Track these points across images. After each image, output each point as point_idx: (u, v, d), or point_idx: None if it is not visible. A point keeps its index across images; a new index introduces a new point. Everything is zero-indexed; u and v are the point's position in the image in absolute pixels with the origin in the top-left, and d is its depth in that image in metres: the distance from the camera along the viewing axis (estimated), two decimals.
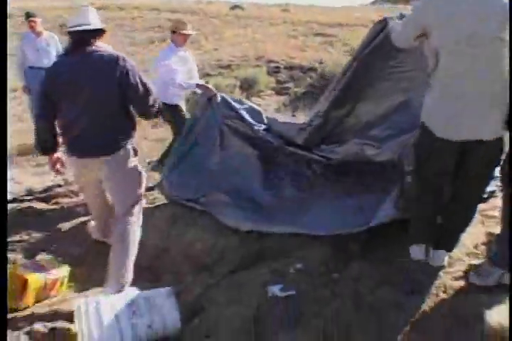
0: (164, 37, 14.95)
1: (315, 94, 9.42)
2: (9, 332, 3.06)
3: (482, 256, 3.08)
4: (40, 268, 3.68)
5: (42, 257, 4.05)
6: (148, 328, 2.93)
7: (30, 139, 6.23)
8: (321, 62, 10.47)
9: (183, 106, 5.45)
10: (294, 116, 8.20)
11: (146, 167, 5.60)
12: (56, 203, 5.19)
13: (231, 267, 3.56)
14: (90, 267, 4.00)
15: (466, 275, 2.90)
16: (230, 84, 9.15)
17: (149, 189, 4.86)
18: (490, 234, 3.23)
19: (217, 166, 4.41)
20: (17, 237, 4.40)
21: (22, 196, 5.45)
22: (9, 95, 8.16)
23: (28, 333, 3.07)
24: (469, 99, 2.63)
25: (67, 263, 3.85)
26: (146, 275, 3.82)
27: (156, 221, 4.30)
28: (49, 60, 6.78)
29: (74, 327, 3.16)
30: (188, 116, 5.27)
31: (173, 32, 5.19)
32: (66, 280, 3.78)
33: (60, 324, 3.18)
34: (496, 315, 2.51)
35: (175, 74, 4.98)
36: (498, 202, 3.31)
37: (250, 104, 4.77)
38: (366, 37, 3.70)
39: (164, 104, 4.44)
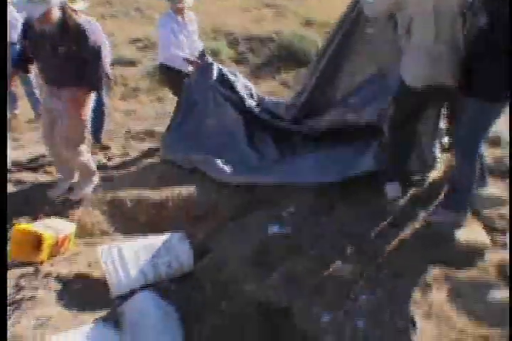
0: None
1: (275, 64, 9.82)
2: (38, 280, 3.44)
3: None
4: (48, 226, 4.02)
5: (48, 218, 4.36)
6: (167, 267, 3.36)
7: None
8: (277, 33, 10.81)
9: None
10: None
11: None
12: (46, 172, 5.43)
13: (226, 216, 3.99)
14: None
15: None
16: None
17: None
18: None
19: (211, 128, 4.81)
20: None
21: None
22: None
23: (56, 278, 3.45)
24: (435, 55, 3.17)
25: None
26: (147, 230, 4.20)
27: (149, 179, 4.68)
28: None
29: (95, 273, 3.58)
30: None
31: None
32: (73, 237, 4.13)
33: (83, 269, 3.58)
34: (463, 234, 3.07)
35: (169, 45, 5.19)
36: None
37: (243, 78, 5.19)
38: (343, 13, 4.13)
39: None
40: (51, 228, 3.93)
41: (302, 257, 3.15)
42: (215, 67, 5.01)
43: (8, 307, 3.19)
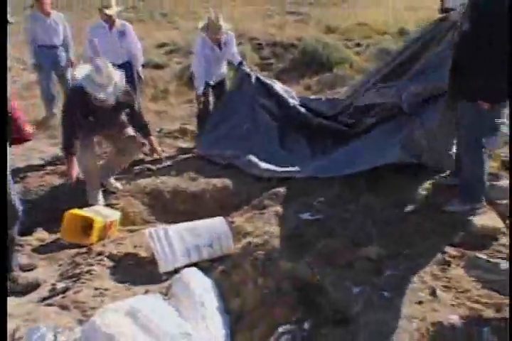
0: None
1: (297, 69, 10.17)
2: (92, 258, 3.81)
3: None
4: (97, 212, 4.40)
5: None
6: (209, 247, 3.72)
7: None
8: (299, 39, 11.18)
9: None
10: None
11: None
12: None
13: (260, 206, 4.34)
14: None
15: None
16: None
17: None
18: None
19: (247, 131, 5.23)
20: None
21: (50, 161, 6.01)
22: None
23: (108, 256, 3.82)
24: None
25: None
26: (185, 219, 4.55)
27: (186, 173, 5.06)
28: (58, 38, 7.23)
29: (142, 253, 3.94)
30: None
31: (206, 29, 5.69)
32: (118, 223, 4.50)
33: (130, 250, 3.95)
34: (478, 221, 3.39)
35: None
36: None
37: (280, 84, 5.83)
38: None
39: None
40: (100, 213, 4.31)
41: (333, 239, 3.48)
42: (253, 76, 5.49)
43: (67, 281, 3.57)
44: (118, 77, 4.40)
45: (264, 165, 4.83)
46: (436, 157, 4.16)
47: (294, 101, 5.56)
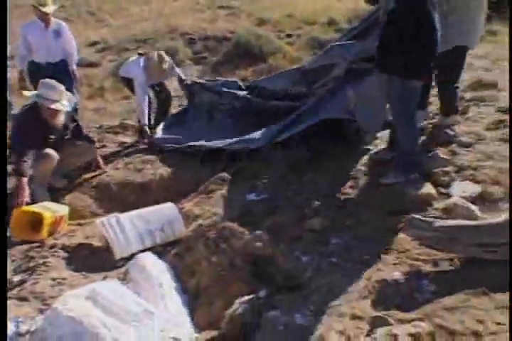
0: None
1: (231, 61, 10.31)
2: (45, 251, 3.84)
3: None
4: (46, 208, 4.41)
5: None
6: (161, 232, 3.83)
7: None
8: (232, 32, 11.32)
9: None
10: None
11: None
12: None
13: (207, 191, 4.47)
14: None
15: None
16: None
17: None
18: None
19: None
20: None
21: None
22: None
23: (62, 248, 3.86)
24: None
25: None
26: (133, 209, 4.61)
27: (131, 164, 5.16)
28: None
29: (94, 243, 4.01)
30: None
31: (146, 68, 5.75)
32: (67, 217, 4.53)
33: (83, 241, 4.01)
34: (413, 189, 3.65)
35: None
36: None
37: (223, 79, 6.07)
38: None
39: None
40: (48, 209, 4.33)
41: (279, 215, 3.66)
42: (197, 85, 5.83)
43: (22, 274, 3.60)
44: (68, 95, 4.73)
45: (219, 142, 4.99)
46: (366, 119, 4.41)
47: (241, 92, 5.66)
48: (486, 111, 5.11)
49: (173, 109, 6.55)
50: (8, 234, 4.19)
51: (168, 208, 3.95)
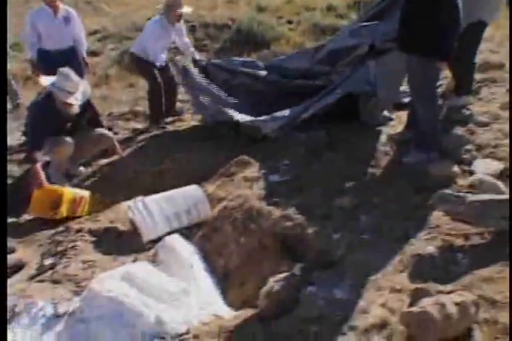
0: None
1: (234, 48, 10.28)
2: (72, 236, 3.87)
3: None
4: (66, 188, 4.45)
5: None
6: (187, 214, 3.85)
7: None
8: (232, 19, 11.28)
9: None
10: None
11: None
12: None
13: (228, 173, 4.49)
14: None
15: None
16: None
17: None
18: None
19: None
20: None
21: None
22: None
23: (88, 232, 3.89)
24: None
25: None
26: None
27: (147, 151, 5.17)
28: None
29: (120, 227, 4.04)
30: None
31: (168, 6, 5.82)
32: (87, 201, 4.54)
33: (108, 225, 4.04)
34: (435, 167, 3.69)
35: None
36: None
37: (241, 58, 6.02)
38: None
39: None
40: (68, 189, 4.37)
41: (306, 195, 3.69)
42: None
43: (52, 258, 3.63)
44: (84, 85, 4.70)
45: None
46: (386, 88, 4.46)
47: (261, 72, 5.57)
48: (498, 91, 5.13)
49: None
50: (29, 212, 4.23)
51: (193, 190, 3.98)
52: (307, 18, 11.44)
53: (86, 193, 4.50)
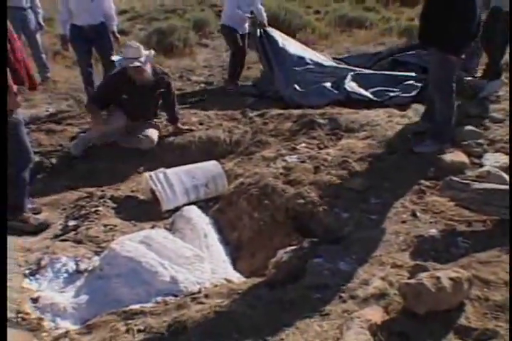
0: None
1: None
2: (95, 201, 4.08)
3: None
4: None
5: None
6: (205, 187, 4.05)
7: None
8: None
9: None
10: None
11: None
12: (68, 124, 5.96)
13: (247, 152, 4.68)
14: None
15: None
16: (184, 26, 9.95)
17: None
18: None
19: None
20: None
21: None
22: None
23: (111, 199, 4.10)
24: None
25: None
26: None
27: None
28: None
29: (140, 196, 4.24)
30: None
31: None
32: None
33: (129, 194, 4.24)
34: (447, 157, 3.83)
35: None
36: None
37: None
38: None
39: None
40: None
41: (318, 175, 3.86)
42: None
43: (76, 220, 3.84)
44: (148, 51, 5.01)
45: None
46: None
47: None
48: None
49: None
50: None
51: (212, 165, 4.17)
52: (335, 9, 11.53)
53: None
